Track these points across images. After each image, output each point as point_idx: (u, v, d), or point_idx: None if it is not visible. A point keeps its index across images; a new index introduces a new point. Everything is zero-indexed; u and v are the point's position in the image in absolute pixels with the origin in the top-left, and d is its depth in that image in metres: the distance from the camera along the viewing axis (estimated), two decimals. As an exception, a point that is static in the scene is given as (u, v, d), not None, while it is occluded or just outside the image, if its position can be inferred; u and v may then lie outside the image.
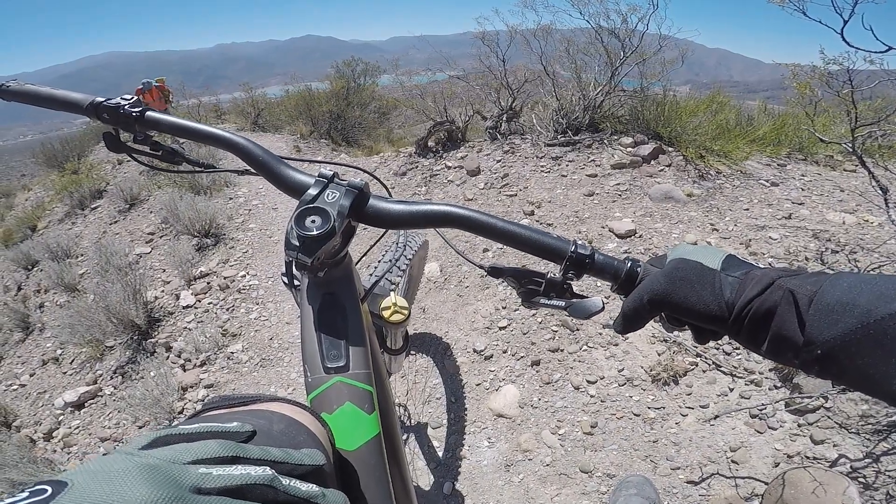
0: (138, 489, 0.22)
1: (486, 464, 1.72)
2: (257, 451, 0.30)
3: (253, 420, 0.37)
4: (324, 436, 0.43)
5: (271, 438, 0.37)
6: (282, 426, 0.39)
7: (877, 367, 0.34)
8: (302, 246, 0.50)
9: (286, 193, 0.62)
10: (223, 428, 0.32)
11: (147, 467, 0.23)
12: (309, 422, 0.42)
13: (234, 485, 0.26)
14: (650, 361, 1.91)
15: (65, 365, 2.93)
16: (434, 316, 2.38)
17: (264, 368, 2.36)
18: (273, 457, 0.31)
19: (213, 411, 0.41)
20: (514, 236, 0.54)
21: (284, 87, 9.69)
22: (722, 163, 3.11)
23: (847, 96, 1.78)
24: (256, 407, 0.42)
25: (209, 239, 3.64)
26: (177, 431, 0.30)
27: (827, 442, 1.53)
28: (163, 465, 0.24)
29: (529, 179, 3.22)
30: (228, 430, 0.32)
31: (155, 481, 0.23)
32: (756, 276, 0.43)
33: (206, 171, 0.76)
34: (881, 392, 0.35)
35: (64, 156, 7.22)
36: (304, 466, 0.33)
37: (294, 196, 0.59)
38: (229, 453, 0.28)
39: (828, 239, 2.33)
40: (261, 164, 0.64)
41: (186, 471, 0.25)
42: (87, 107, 0.70)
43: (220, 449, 0.28)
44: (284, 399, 0.44)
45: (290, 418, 0.41)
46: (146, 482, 0.22)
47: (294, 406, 0.44)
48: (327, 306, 0.57)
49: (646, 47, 3.49)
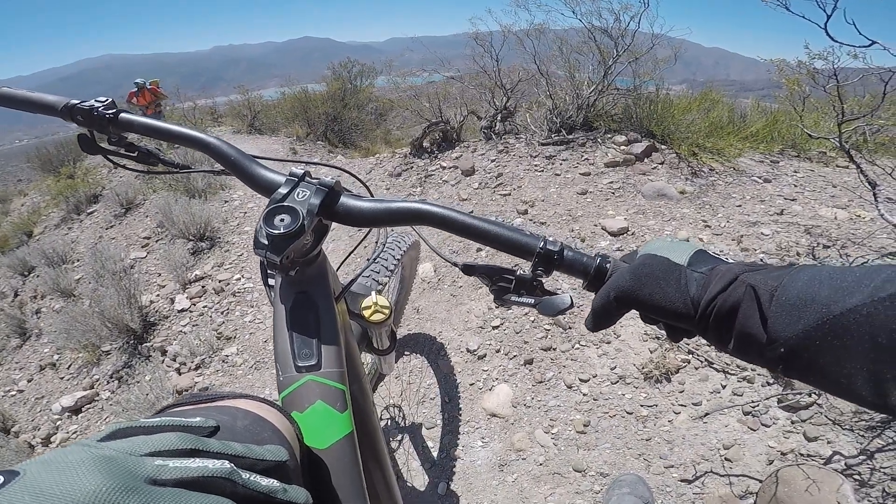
0: (90, 479, 0.22)
1: (480, 464, 1.73)
2: (217, 444, 0.30)
3: (217, 416, 0.37)
4: (291, 433, 0.43)
5: (234, 434, 0.37)
6: (246, 422, 0.39)
7: (839, 365, 0.33)
8: (270, 244, 0.51)
9: (258, 192, 0.62)
10: (185, 422, 0.32)
11: (101, 458, 0.23)
12: (275, 419, 0.42)
13: (190, 477, 0.26)
14: (642, 359, 1.91)
15: (62, 370, 2.93)
16: (428, 316, 2.39)
17: (258, 371, 2.37)
18: (234, 451, 0.31)
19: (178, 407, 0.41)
20: (483, 233, 0.54)
21: (281, 89, 9.67)
22: (715, 160, 3.12)
23: (833, 91, 1.79)
24: (222, 403, 0.42)
25: (204, 242, 3.65)
26: (137, 424, 0.30)
27: (820, 439, 1.53)
28: (118, 455, 0.24)
29: (523, 178, 3.22)
30: (190, 425, 0.32)
31: (108, 471, 0.23)
32: (720, 272, 0.42)
33: (180, 171, 0.77)
34: (845, 392, 0.33)
35: (59, 160, 7.20)
36: (266, 462, 0.33)
37: (265, 195, 0.60)
38: (188, 446, 0.28)
39: (820, 234, 2.34)
40: (233, 163, 0.65)
41: (142, 462, 0.25)
42: (61, 109, 0.71)
43: (179, 441, 0.28)
44: (251, 396, 0.44)
45: (255, 415, 0.41)
46: (99, 472, 0.22)
47: (261, 403, 0.44)
48: (299, 305, 0.58)
49: (638, 46, 3.50)
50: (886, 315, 0.30)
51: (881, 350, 0.30)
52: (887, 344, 0.30)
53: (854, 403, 0.34)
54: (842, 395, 0.34)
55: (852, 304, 0.32)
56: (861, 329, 0.31)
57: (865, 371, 0.31)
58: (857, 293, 0.32)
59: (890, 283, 0.31)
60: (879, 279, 0.32)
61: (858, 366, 0.32)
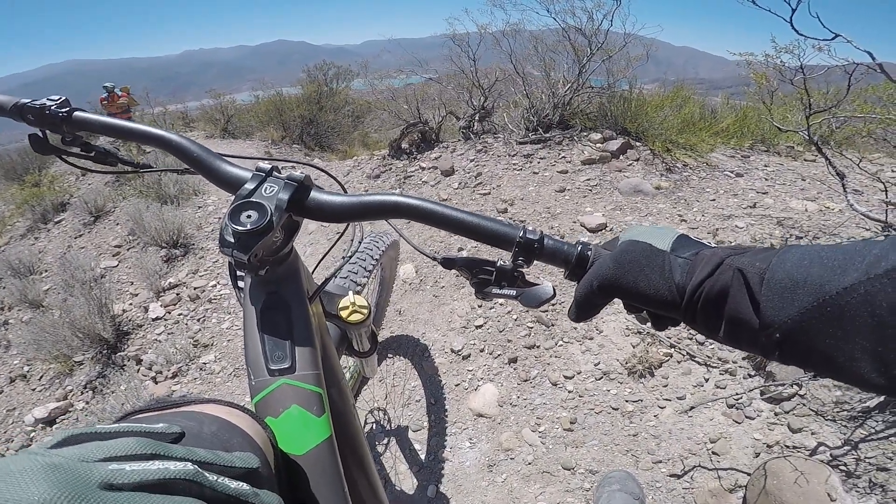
0: (35, 488, 0.20)
1: (468, 465, 1.71)
2: (182, 451, 0.28)
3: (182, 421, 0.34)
4: (263, 439, 0.41)
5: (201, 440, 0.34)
6: (213, 428, 0.37)
7: (839, 348, 0.31)
8: (237, 242, 0.48)
9: (223, 189, 0.60)
10: (146, 428, 0.29)
11: (49, 466, 0.21)
12: (246, 424, 0.40)
13: (150, 480, 0.23)
14: (625, 354, 1.93)
15: (33, 381, 2.82)
16: (411, 318, 2.36)
17: (238, 378, 2.31)
18: (199, 457, 0.28)
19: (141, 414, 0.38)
20: (461, 224, 0.53)
21: (255, 93, 9.52)
22: (688, 155, 3.18)
23: (800, 84, 1.83)
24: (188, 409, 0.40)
25: (178, 249, 3.54)
26: (92, 430, 0.27)
27: (804, 430, 1.55)
28: (67, 463, 0.22)
29: (502, 178, 3.23)
30: (151, 431, 0.29)
31: (55, 479, 0.20)
32: (705, 257, 0.41)
33: (140, 170, 0.74)
34: (847, 375, 0.32)
35: (24, 168, 6.93)
36: (235, 469, 0.30)
37: (231, 192, 0.57)
38: (148, 451, 0.26)
39: (792, 226, 2.40)
40: (196, 160, 0.62)
41: (94, 468, 0.22)
42: (10, 109, 0.68)
43: (137, 446, 0.26)
44: (220, 401, 0.42)
45: (224, 420, 0.39)
46: (45, 481, 0.20)
47: (230, 408, 0.41)
48: (270, 306, 0.55)
49: (611, 44, 3.55)
50: (886, 292, 0.29)
51: (885, 328, 0.29)
52: (891, 321, 0.29)
53: (857, 387, 0.32)
54: (844, 378, 0.33)
55: (848, 283, 0.31)
56: (860, 308, 0.30)
57: (869, 352, 0.30)
58: (850, 271, 0.31)
59: (884, 259, 0.30)
60: (872, 255, 0.31)
61: (861, 347, 0.30)
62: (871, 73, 1.79)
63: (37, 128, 0.69)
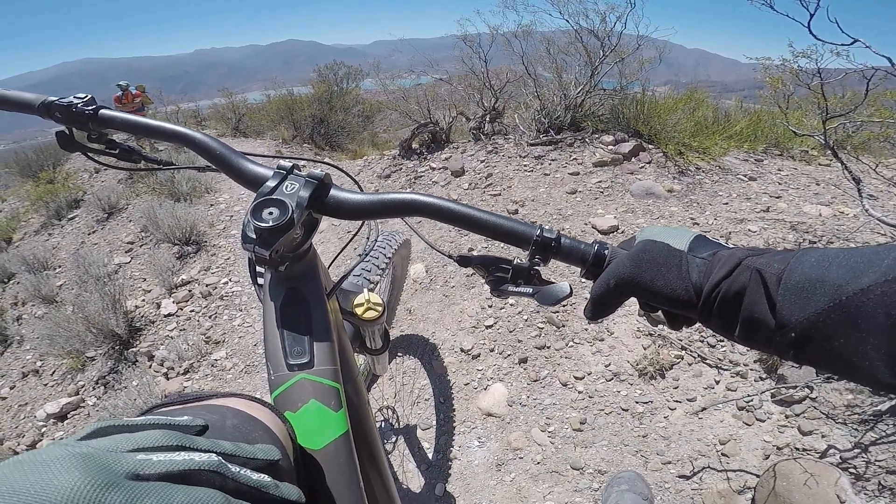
0: (66, 476, 0.20)
1: (476, 464, 1.71)
2: (206, 443, 0.28)
3: (205, 415, 0.35)
4: (283, 433, 0.42)
5: (224, 433, 0.35)
6: (236, 421, 0.37)
7: (854, 348, 0.31)
8: (259, 238, 0.49)
9: (245, 187, 0.61)
10: (171, 421, 0.30)
11: (79, 455, 0.22)
12: (266, 418, 0.41)
13: (175, 470, 0.24)
14: (636, 355, 1.92)
15: (45, 377, 2.86)
16: (421, 317, 2.37)
17: (249, 375, 2.33)
18: (223, 449, 0.29)
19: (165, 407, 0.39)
20: (478, 222, 0.53)
21: (266, 93, 9.59)
22: (701, 159, 3.16)
23: (817, 88, 1.82)
24: (211, 402, 0.40)
25: (190, 246, 3.58)
26: (120, 423, 0.28)
27: (815, 433, 1.54)
28: (97, 453, 0.23)
29: (513, 179, 3.23)
30: (177, 423, 0.30)
31: (86, 468, 0.21)
32: (723, 257, 0.41)
33: (164, 168, 0.75)
34: (862, 376, 0.32)
35: (39, 165, 7.04)
36: (257, 461, 0.31)
37: (252, 189, 0.58)
38: (174, 442, 0.27)
39: (805, 231, 2.38)
40: (218, 158, 0.63)
41: (123, 458, 0.23)
42: (38, 106, 0.69)
43: (164, 438, 0.26)
44: (241, 394, 0.43)
45: (246, 414, 0.39)
46: (76, 469, 0.21)
47: (251, 402, 0.42)
48: (290, 302, 0.56)
49: (624, 46, 3.54)
50: None
51: None
52: None
53: (871, 387, 0.33)
54: (858, 378, 0.33)
55: (865, 284, 0.31)
56: (876, 309, 0.30)
57: (884, 352, 0.30)
58: (868, 273, 0.31)
59: None
60: (891, 258, 0.31)
61: (875, 347, 0.30)
62: (889, 78, 1.77)
63: (63, 125, 0.70)
